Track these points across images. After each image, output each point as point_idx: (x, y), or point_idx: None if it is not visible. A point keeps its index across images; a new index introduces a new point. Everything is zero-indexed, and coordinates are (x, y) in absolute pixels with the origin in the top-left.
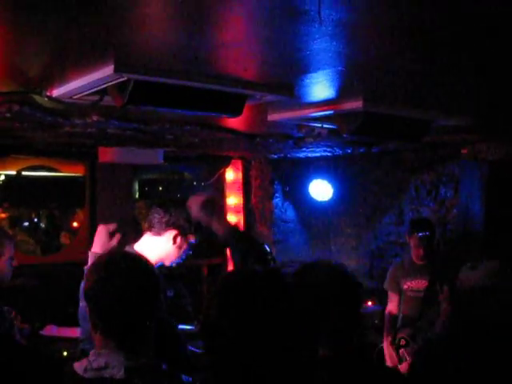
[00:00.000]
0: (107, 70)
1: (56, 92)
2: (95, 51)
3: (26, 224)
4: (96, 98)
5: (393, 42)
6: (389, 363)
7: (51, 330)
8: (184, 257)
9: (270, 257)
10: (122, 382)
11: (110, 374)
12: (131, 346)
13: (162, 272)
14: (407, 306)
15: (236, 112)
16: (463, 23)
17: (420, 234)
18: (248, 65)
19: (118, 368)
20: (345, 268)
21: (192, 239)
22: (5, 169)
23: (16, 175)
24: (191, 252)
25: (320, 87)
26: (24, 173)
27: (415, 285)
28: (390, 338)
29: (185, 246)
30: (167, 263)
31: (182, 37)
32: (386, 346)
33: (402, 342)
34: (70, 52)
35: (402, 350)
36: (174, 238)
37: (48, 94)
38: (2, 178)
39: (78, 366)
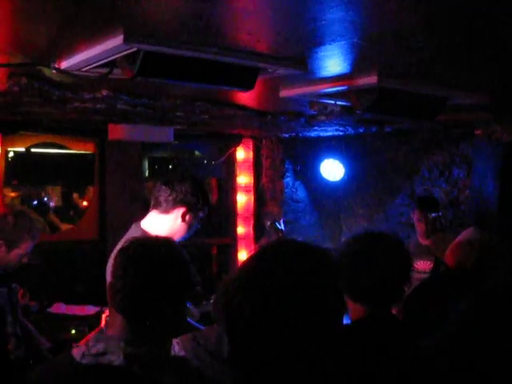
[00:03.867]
0: (116, 41)
1: (64, 64)
2: (104, 21)
3: (35, 202)
4: (105, 70)
5: (411, 12)
6: None
7: (59, 308)
8: (193, 232)
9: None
10: (120, 369)
11: (108, 361)
12: (143, 330)
13: None
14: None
15: (248, 85)
16: None
17: (421, 211)
18: (261, 36)
19: (117, 354)
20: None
21: (201, 214)
22: (14, 146)
23: (25, 152)
24: (199, 226)
25: (334, 61)
26: (33, 150)
27: (420, 266)
28: None
29: (194, 222)
30: (176, 239)
31: (193, 5)
32: None
33: None
34: (78, 21)
35: None
36: (183, 216)
37: (56, 66)
38: (11, 155)
39: (76, 352)
